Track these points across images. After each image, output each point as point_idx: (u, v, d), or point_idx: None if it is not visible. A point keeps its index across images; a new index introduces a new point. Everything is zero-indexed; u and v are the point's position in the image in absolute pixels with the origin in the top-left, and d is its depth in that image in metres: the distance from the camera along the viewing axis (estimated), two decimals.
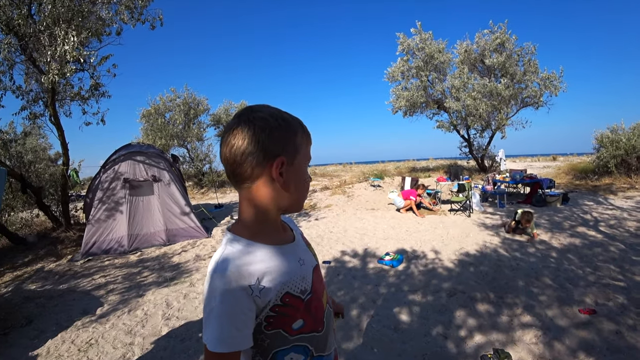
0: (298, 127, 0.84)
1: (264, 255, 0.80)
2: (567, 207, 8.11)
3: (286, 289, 0.80)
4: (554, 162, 22.35)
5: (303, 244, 0.97)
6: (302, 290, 0.84)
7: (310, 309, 0.85)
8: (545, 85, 13.02)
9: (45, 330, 3.56)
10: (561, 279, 3.97)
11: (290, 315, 0.81)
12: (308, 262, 0.91)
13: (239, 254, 0.78)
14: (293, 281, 0.82)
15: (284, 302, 0.80)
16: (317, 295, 0.89)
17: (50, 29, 5.12)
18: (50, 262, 6.11)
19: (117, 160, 6.80)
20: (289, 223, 1.01)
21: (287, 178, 0.81)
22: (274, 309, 0.79)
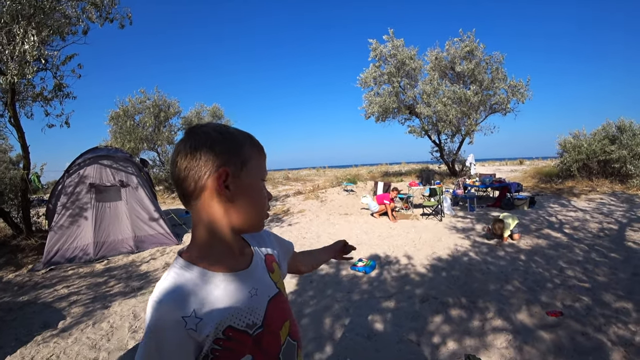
0: (245, 139, 0.79)
1: (207, 284, 0.74)
2: (534, 210, 8.46)
3: (228, 322, 0.74)
4: (520, 166, 23.29)
5: (262, 270, 0.88)
6: (249, 325, 0.77)
7: (261, 345, 0.78)
8: (512, 93, 13.55)
9: (4, 346, 3.35)
10: (529, 281, 4.12)
11: (235, 350, 0.75)
12: (263, 292, 0.83)
13: (179, 282, 0.72)
14: (237, 314, 0.76)
15: (227, 335, 0.74)
16: (270, 329, 0.82)
17: (9, 26, 4.83)
18: (9, 272, 5.76)
19: (82, 164, 6.52)
20: (254, 242, 0.94)
21: (234, 192, 0.75)
22: (218, 342, 0.73)
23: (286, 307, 0.91)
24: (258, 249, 0.93)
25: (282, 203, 11.62)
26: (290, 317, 0.90)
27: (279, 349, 0.83)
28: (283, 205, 11.12)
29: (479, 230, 6.90)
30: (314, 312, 3.62)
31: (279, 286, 0.90)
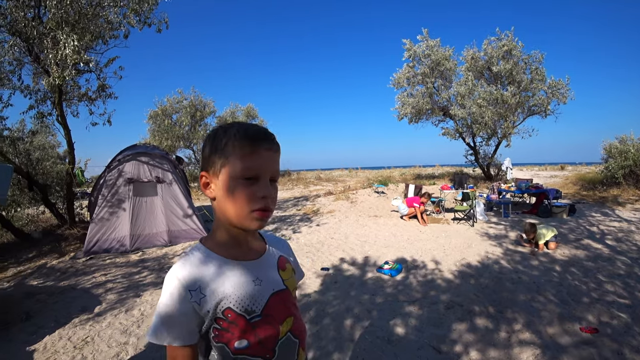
0: (230, 137, 0.80)
1: (213, 266, 0.83)
2: (573, 219, 8.01)
3: (227, 304, 0.81)
4: (562, 171, 22.12)
5: (271, 266, 0.93)
6: (248, 310, 0.82)
7: (256, 332, 0.83)
8: (552, 94, 12.90)
9: (44, 326, 3.60)
10: (564, 294, 3.90)
11: (231, 331, 0.81)
12: (267, 284, 0.88)
13: (191, 261, 0.83)
14: (237, 298, 0.82)
15: (226, 316, 0.81)
16: (269, 319, 0.85)
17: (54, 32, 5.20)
18: (53, 259, 6.18)
19: (122, 161, 6.86)
20: (271, 243, 0.99)
21: (216, 191, 0.82)
22: (218, 321, 0.81)
23: (291, 304, 0.93)
24: (274, 248, 0.99)
25: (312, 203, 11.68)
26: (295, 314, 0.93)
27: (276, 341, 0.86)
28: (313, 205, 11.18)
29: (512, 237, 6.62)
30: (336, 312, 3.62)
31: (287, 284, 0.94)
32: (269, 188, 0.81)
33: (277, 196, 0.86)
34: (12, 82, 6.45)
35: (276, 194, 0.85)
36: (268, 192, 0.81)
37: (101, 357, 2.97)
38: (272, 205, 0.83)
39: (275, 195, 0.85)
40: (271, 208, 0.82)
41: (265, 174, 0.81)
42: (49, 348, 3.17)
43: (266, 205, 0.80)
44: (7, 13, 5.30)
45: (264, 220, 0.82)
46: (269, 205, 0.81)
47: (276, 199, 0.86)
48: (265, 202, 0.80)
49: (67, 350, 3.12)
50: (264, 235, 1.00)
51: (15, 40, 5.52)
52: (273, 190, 0.83)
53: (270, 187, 0.82)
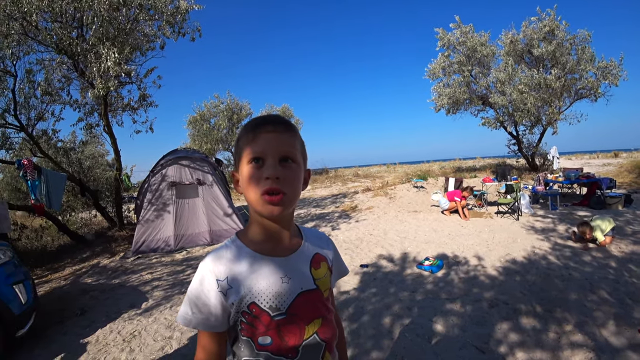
0: (243, 131, 0.83)
1: (244, 259, 0.84)
2: (630, 210, 7.38)
3: (253, 299, 0.81)
4: (615, 159, 20.46)
5: (303, 263, 0.89)
6: (273, 307, 0.81)
7: (280, 330, 0.82)
8: (602, 75, 11.93)
9: (96, 320, 3.87)
10: (620, 293, 3.58)
11: (256, 326, 0.82)
12: (296, 282, 0.85)
13: (224, 252, 0.85)
14: (263, 294, 0.81)
15: (251, 310, 0.81)
16: (294, 319, 0.83)
17: (96, 47, 5.55)
18: (105, 259, 6.61)
19: (164, 165, 7.18)
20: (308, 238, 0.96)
21: (241, 185, 0.84)
22: (244, 315, 0.82)
23: (322, 305, 0.90)
24: (312, 245, 0.95)
25: (351, 200, 11.62)
26: (325, 316, 0.90)
27: (300, 341, 0.84)
28: (351, 202, 11.12)
29: (561, 231, 6.21)
30: (375, 309, 3.57)
31: (319, 284, 0.90)
32: (274, 168, 0.77)
33: (294, 176, 0.81)
34: (62, 97, 7.00)
35: (293, 174, 0.80)
36: (272, 172, 0.76)
37: (147, 350, 3.13)
38: (285, 186, 0.78)
39: (291, 175, 0.79)
40: (281, 190, 0.77)
41: (270, 154, 0.78)
42: (100, 341, 3.40)
43: (272, 187, 0.76)
44: (54, 33, 5.71)
45: (275, 205, 0.77)
46: (277, 186, 0.76)
47: (293, 179, 0.80)
48: (270, 183, 0.76)
49: (116, 343, 3.32)
50: (302, 231, 0.97)
51: (62, 58, 5.94)
52: (285, 170, 0.78)
53: (276, 168, 0.77)
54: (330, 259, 0.99)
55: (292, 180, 0.80)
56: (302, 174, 0.85)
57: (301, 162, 0.84)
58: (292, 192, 0.80)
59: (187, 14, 6.36)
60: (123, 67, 5.64)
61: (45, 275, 5.93)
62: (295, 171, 0.81)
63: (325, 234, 1.06)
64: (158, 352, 3.09)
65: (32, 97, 6.88)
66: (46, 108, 7.17)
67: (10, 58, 6.20)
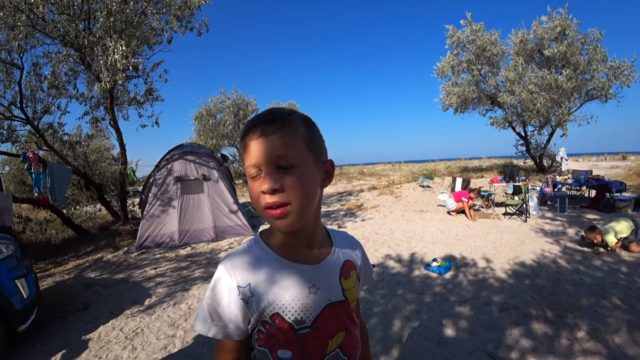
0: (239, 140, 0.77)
1: (268, 265, 0.76)
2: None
3: (276, 309, 0.74)
4: (623, 161, 20.21)
5: (333, 272, 0.82)
6: (297, 320, 0.74)
7: (304, 344, 0.75)
8: (614, 76, 11.72)
9: (99, 316, 3.82)
10: (632, 299, 3.49)
11: (277, 338, 0.75)
12: (324, 293, 0.77)
13: (246, 255, 0.78)
14: (287, 305, 0.74)
15: (272, 321, 0.75)
16: (319, 333, 0.76)
17: (103, 40, 5.51)
18: (108, 253, 6.59)
19: (170, 160, 7.15)
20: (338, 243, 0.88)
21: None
22: (264, 324, 0.76)
23: (347, 318, 0.83)
24: (342, 251, 0.87)
25: (356, 198, 11.54)
26: (349, 329, 0.83)
27: (322, 356, 0.78)
28: (357, 200, 11.04)
29: (570, 234, 6.10)
30: (383, 312, 3.50)
31: (347, 295, 0.82)
32: (269, 179, 0.67)
33: (298, 182, 0.68)
34: (69, 91, 6.98)
35: (296, 180, 0.68)
36: (268, 184, 0.67)
37: (150, 349, 3.08)
38: (288, 196, 0.67)
39: (294, 182, 0.68)
40: (283, 202, 0.67)
41: (264, 164, 0.68)
42: (102, 338, 3.35)
43: (269, 202, 0.67)
44: (60, 26, 5.67)
45: (281, 219, 0.68)
46: (276, 200, 0.67)
47: (297, 186, 0.68)
48: (267, 198, 0.67)
49: (119, 340, 3.27)
50: (332, 234, 0.89)
51: (69, 51, 5.90)
52: (286, 177, 0.68)
53: (273, 178, 0.67)
54: (359, 265, 0.92)
55: (296, 187, 0.68)
56: (313, 172, 0.72)
57: (308, 160, 0.71)
58: (299, 200, 0.68)
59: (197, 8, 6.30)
60: (130, 60, 5.60)
61: (49, 268, 5.92)
62: (298, 175, 0.69)
63: (354, 238, 0.98)
64: (161, 351, 3.04)
65: (39, 90, 6.86)
66: (52, 101, 7.16)
67: (17, 50, 6.18)
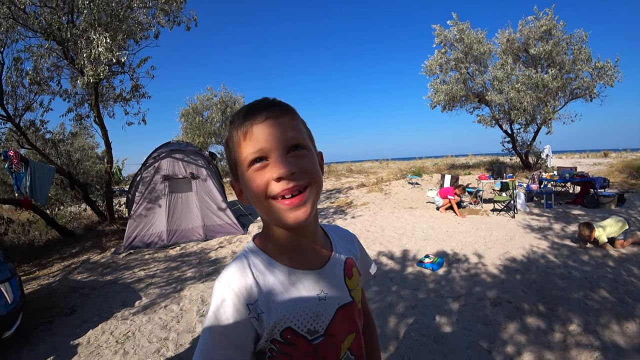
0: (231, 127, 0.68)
1: (273, 276, 0.70)
2: (624, 210, 7.44)
3: (288, 323, 0.68)
4: (605, 158, 20.75)
5: (338, 274, 0.77)
6: (310, 331, 0.70)
7: (318, 354, 0.71)
8: (598, 76, 12.00)
9: (87, 320, 3.71)
10: (620, 292, 3.57)
11: (290, 354, 0.69)
12: (333, 298, 0.73)
13: (247, 267, 0.70)
14: (300, 317, 0.69)
15: (285, 338, 0.68)
16: (332, 340, 0.73)
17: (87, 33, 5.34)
18: (95, 254, 6.42)
19: (157, 158, 7.01)
20: (337, 240, 0.83)
21: (248, 197, 0.69)
22: (275, 343, 0.68)
23: (356, 318, 0.80)
24: (341, 249, 0.83)
25: (346, 195, 11.52)
26: (357, 330, 0.80)
27: None
28: (346, 198, 11.03)
29: (557, 229, 6.22)
30: (378, 308, 3.49)
31: (354, 295, 0.79)
32: (285, 163, 0.62)
33: (312, 164, 0.66)
34: (51, 87, 6.76)
35: (310, 162, 0.66)
36: (285, 168, 0.62)
37: (142, 353, 3.00)
38: (305, 179, 0.64)
39: (308, 164, 0.65)
40: (302, 185, 0.63)
41: (275, 148, 0.63)
42: (92, 342, 3.24)
43: (288, 188, 0.62)
44: (42, 18, 5.47)
45: (300, 208, 0.63)
46: (295, 183, 0.62)
47: (312, 168, 0.66)
48: (284, 184, 0.62)
49: (109, 344, 3.18)
50: (326, 229, 0.84)
51: (51, 44, 5.70)
52: (300, 159, 0.64)
53: (288, 161, 0.63)
54: (359, 261, 0.88)
55: (310, 168, 0.65)
56: (316, 158, 0.69)
57: (311, 146, 0.70)
58: (316, 181, 0.65)
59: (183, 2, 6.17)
60: (115, 53, 5.43)
61: (33, 271, 5.73)
62: (310, 157, 0.66)
63: (348, 231, 0.92)
64: (154, 355, 2.96)
65: (20, 86, 6.62)
66: (34, 98, 6.90)
67: None
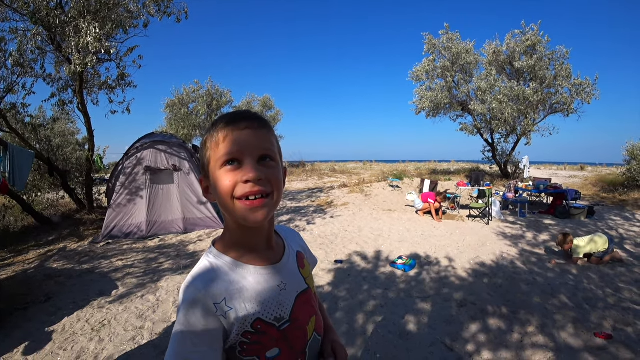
0: (211, 130, 0.75)
1: (238, 275, 0.77)
2: (592, 221, 7.81)
3: (257, 315, 0.75)
4: (581, 171, 21.55)
5: (293, 265, 0.88)
6: (277, 318, 0.78)
7: (287, 338, 0.79)
8: (577, 92, 12.49)
9: (63, 307, 3.71)
10: (579, 298, 3.81)
11: (262, 343, 0.76)
12: (291, 287, 0.83)
13: (210, 269, 0.76)
14: (266, 307, 0.77)
15: (255, 328, 0.75)
16: (297, 324, 0.81)
17: (76, 21, 5.29)
18: (72, 243, 6.36)
19: (140, 148, 6.97)
20: (286, 237, 0.94)
21: (212, 192, 0.76)
22: (246, 335, 0.75)
23: (314, 303, 0.90)
24: (292, 244, 0.94)
25: (327, 195, 11.64)
26: (316, 312, 0.90)
27: (305, 343, 0.84)
28: (327, 197, 11.16)
29: (529, 238, 6.50)
30: (348, 306, 3.63)
31: (308, 282, 0.90)
32: (255, 169, 0.71)
33: (277, 176, 0.75)
34: (35, 70, 6.62)
35: (275, 173, 0.74)
36: (254, 173, 0.70)
37: (118, 340, 3.05)
38: (268, 187, 0.72)
39: (274, 174, 0.74)
40: (265, 191, 0.72)
41: (248, 154, 0.72)
42: (67, 329, 3.27)
43: (253, 190, 0.70)
44: (30, 2, 5.39)
45: (260, 210, 0.71)
46: (260, 188, 0.71)
47: (276, 179, 0.74)
48: (250, 187, 0.70)
49: (85, 332, 3.21)
50: (276, 229, 0.93)
51: (38, 29, 5.62)
52: (267, 169, 0.73)
53: (257, 168, 0.71)
54: (306, 252, 1.01)
55: (275, 179, 0.74)
56: (282, 172, 0.79)
57: (280, 160, 0.79)
58: (277, 192, 0.75)
59: None
60: (104, 43, 5.38)
61: (8, 258, 5.64)
62: (276, 169, 0.75)
63: (292, 229, 1.03)
64: (129, 343, 3.02)
65: (2, 67, 6.48)
66: (17, 80, 6.77)
67: None
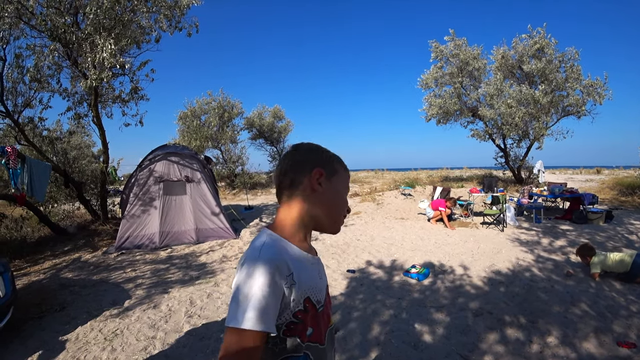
0: (334, 156, 0.98)
1: (296, 254, 0.88)
2: (611, 226, 7.59)
3: (309, 293, 0.86)
4: (597, 175, 21.00)
5: (322, 263, 1.03)
6: (318, 301, 0.90)
7: (320, 321, 0.91)
8: (588, 93, 12.25)
9: (77, 317, 3.76)
10: (600, 306, 3.68)
11: (306, 321, 0.86)
12: (324, 278, 0.99)
13: (278, 246, 0.85)
14: (315, 289, 0.89)
15: (305, 306, 0.85)
16: (326, 310, 0.95)
17: (92, 37, 5.44)
18: (86, 253, 6.45)
19: (153, 160, 7.06)
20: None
21: (324, 190, 0.92)
22: (297, 315, 0.83)
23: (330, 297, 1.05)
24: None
25: None
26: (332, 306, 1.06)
27: (327, 327, 0.96)
28: None
29: (545, 244, 6.34)
30: (362, 316, 3.57)
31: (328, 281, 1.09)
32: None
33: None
34: (51, 85, 6.82)
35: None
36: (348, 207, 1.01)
37: (130, 350, 3.06)
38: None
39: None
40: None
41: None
42: (80, 338, 3.30)
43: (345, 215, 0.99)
44: (48, 19, 5.57)
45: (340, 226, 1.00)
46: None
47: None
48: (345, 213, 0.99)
49: (98, 341, 3.24)
50: None
51: (56, 45, 5.78)
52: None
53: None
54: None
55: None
56: None
57: None
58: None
59: (187, 9, 6.28)
60: (118, 59, 5.52)
61: (25, 267, 5.75)
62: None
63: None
64: (141, 352, 3.02)
65: (20, 82, 6.68)
66: (34, 95, 6.97)
67: (0, 42, 6.01)
